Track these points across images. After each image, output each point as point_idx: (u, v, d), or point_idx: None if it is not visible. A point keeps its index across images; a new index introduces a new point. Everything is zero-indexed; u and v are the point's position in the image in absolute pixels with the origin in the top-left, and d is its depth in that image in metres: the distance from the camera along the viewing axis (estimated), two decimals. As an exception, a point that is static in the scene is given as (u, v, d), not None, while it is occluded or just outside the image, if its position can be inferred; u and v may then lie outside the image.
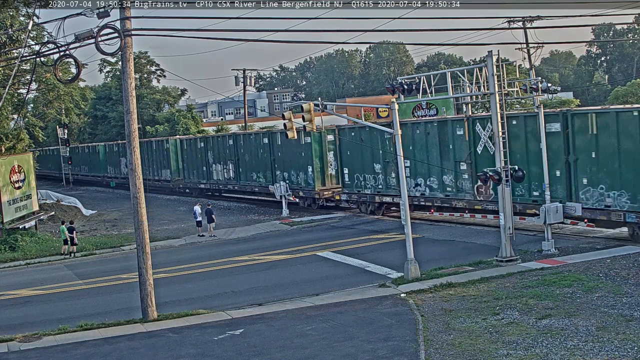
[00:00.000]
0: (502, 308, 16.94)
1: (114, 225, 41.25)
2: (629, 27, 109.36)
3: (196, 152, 51.41)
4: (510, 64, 35.24)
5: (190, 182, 52.72)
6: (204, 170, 50.27)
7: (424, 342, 14.86)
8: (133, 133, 19.30)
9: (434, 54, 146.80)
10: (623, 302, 16.51)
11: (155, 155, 57.66)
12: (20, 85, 40.97)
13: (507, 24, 49.71)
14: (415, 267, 21.24)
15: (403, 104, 34.37)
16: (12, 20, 35.67)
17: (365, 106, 61.20)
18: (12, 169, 36.18)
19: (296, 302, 19.68)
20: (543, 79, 25.77)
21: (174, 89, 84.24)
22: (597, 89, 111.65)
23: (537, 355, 13.49)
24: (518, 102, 51.39)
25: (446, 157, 30.26)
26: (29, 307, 22.59)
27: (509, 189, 22.55)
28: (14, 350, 17.15)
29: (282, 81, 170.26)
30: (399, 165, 22.43)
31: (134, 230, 19.84)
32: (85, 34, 18.11)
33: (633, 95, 66.63)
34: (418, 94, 24.20)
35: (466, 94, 25.39)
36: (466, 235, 28.30)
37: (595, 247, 23.33)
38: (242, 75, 66.34)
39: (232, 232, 34.69)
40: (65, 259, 30.73)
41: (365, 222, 34.08)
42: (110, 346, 16.84)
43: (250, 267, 26.05)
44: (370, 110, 62.14)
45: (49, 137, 79.00)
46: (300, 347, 15.36)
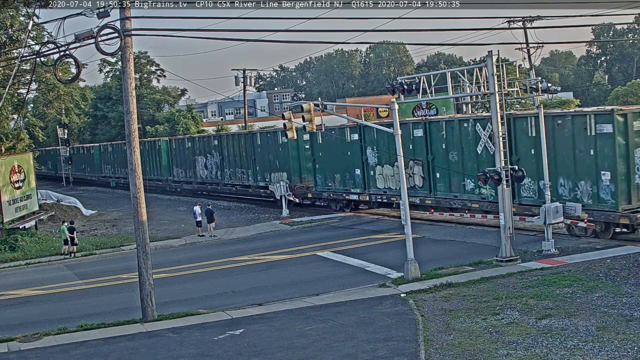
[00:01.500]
0: (502, 308, 16.94)
1: (114, 225, 41.26)
2: (629, 27, 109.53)
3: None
4: (510, 64, 35.27)
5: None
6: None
7: (424, 342, 14.86)
8: (133, 133, 19.30)
9: (434, 54, 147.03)
10: (623, 302, 16.50)
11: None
12: (20, 85, 40.96)
13: (507, 24, 49.72)
14: (415, 267, 21.24)
15: (403, 104, 34.36)
16: (12, 20, 35.66)
17: (365, 106, 61.19)
18: (12, 169, 36.18)
19: (296, 302, 19.68)
20: (543, 79, 25.77)
21: (174, 89, 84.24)
22: (597, 89, 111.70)
23: (537, 355, 13.49)
24: (518, 102, 51.38)
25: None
26: (29, 307, 22.59)
27: (509, 189, 22.54)
28: (14, 350, 17.15)
29: (282, 81, 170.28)
30: (399, 165, 22.42)
31: (134, 230, 19.84)
32: (85, 34, 18.11)
33: (633, 95, 66.66)
34: (418, 94, 24.20)
35: (466, 94, 25.39)
36: (466, 235, 28.31)
37: (595, 247, 23.32)
38: (242, 75, 66.33)
39: (232, 232, 34.69)
40: (65, 259, 30.73)
41: (365, 222, 34.08)
42: (110, 346, 16.84)
43: (250, 267, 26.05)
44: (370, 110, 62.15)
45: (49, 137, 79.01)
46: (300, 347, 15.36)
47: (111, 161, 66.42)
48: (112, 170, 66.60)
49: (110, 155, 66.48)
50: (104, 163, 68.54)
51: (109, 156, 67.11)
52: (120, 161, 61.40)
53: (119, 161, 62.44)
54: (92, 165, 72.05)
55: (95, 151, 71.38)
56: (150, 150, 57.74)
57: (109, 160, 67.18)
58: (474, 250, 25.03)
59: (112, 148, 66.67)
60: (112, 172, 66.38)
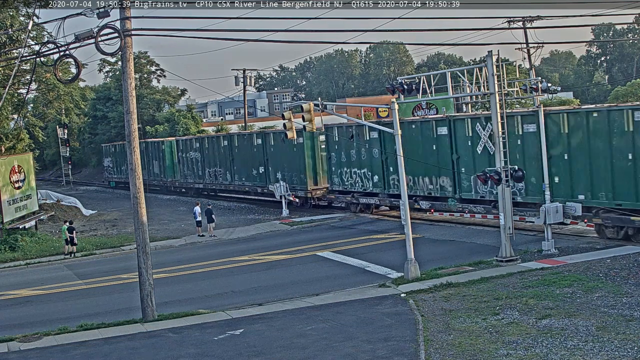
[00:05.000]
0: (502, 308, 16.94)
1: (114, 225, 41.26)
2: (629, 27, 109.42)
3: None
4: (510, 64, 35.31)
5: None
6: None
7: (424, 342, 14.86)
8: (133, 133, 19.30)
9: (434, 54, 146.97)
10: (623, 302, 16.50)
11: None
12: (20, 85, 40.94)
13: (507, 24, 49.66)
14: (415, 267, 21.24)
15: (403, 104, 34.31)
16: (12, 20, 35.64)
17: (365, 106, 61.11)
18: (12, 169, 36.20)
19: (296, 302, 19.67)
20: (543, 79, 25.72)
21: (174, 89, 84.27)
22: (597, 89, 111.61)
23: (537, 355, 13.48)
24: (518, 102, 51.37)
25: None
26: (29, 307, 22.59)
27: (509, 189, 22.54)
28: (14, 350, 17.14)
29: (282, 81, 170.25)
30: (399, 165, 22.40)
31: (134, 230, 19.84)
32: (85, 34, 18.11)
33: (633, 95, 66.56)
34: (418, 94, 24.20)
35: (466, 94, 25.39)
36: (466, 235, 28.30)
37: (595, 247, 23.32)
38: (242, 75, 66.32)
39: (232, 232, 34.70)
40: (65, 259, 30.74)
41: (365, 222, 34.08)
42: (110, 346, 16.84)
43: (250, 267, 26.05)
44: (370, 110, 62.07)
45: (49, 137, 79.01)
46: (300, 347, 15.35)
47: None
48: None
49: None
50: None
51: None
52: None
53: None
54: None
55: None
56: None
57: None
58: (474, 250, 25.02)
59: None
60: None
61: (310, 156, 39.16)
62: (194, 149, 51.58)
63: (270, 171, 42.38)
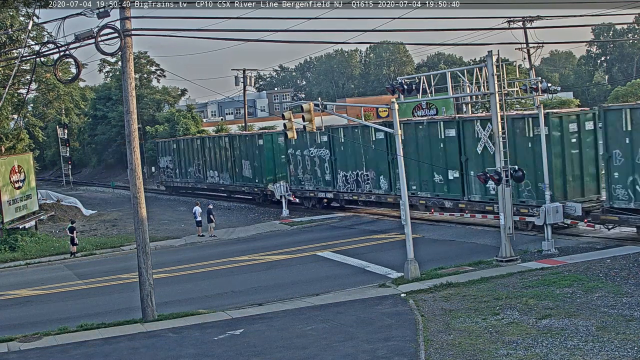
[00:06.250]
0: (502, 308, 16.94)
1: (114, 225, 41.26)
2: (629, 27, 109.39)
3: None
4: (510, 64, 35.31)
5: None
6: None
7: (424, 342, 14.86)
8: (133, 133, 19.30)
9: (434, 54, 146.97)
10: (623, 302, 16.50)
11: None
12: (20, 85, 40.95)
13: (507, 24, 49.65)
14: (415, 267, 21.24)
15: (403, 104, 34.32)
16: (12, 20, 35.66)
17: (366, 106, 61.17)
18: (12, 169, 36.20)
19: (296, 302, 19.68)
20: (543, 79, 25.72)
21: (174, 89, 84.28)
22: (597, 89, 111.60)
23: (537, 355, 13.49)
24: (518, 102, 51.37)
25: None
26: (29, 307, 22.59)
27: (509, 188, 22.54)
28: (14, 350, 17.14)
29: (282, 81, 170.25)
30: (399, 165, 22.41)
31: (134, 230, 19.84)
32: (85, 34, 18.12)
33: (633, 96, 66.55)
34: (418, 94, 24.21)
35: (466, 94, 25.40)
36: (466, 235, 28.30)
37: (595, 247, 23.33)
38: (242, 75, 66.29)
39: (232, 232, 34.70)
40: (65, 259, 30.74)
41: (365, 222, 34.09)
42: (110, 346, 16.84)
43: (250, 267, 26.05)
44: (370, 110, 62.12)
45: (49, 137, 79.04)
46: (300, 347, 15.35)
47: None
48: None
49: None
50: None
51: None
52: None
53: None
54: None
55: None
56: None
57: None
58: (474, 250, 25.03)
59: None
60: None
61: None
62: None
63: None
